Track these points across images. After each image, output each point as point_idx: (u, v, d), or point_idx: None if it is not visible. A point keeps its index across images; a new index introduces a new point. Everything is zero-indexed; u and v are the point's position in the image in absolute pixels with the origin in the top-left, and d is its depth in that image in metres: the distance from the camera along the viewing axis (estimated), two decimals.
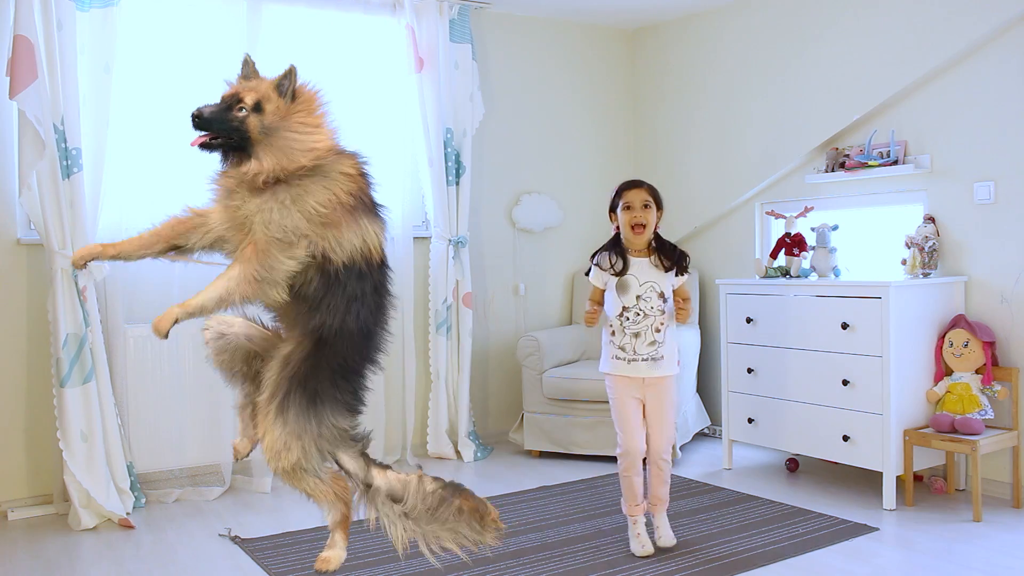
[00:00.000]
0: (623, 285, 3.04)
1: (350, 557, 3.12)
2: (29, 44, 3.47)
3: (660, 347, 3.05)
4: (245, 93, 2.36)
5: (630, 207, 3.05)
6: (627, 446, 3.08)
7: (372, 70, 4.52)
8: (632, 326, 3.04)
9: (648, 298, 3.04)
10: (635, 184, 3.10)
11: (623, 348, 3.06)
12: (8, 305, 3.77)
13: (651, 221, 3.06)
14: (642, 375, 3.06)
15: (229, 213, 2.31)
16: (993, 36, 3.69)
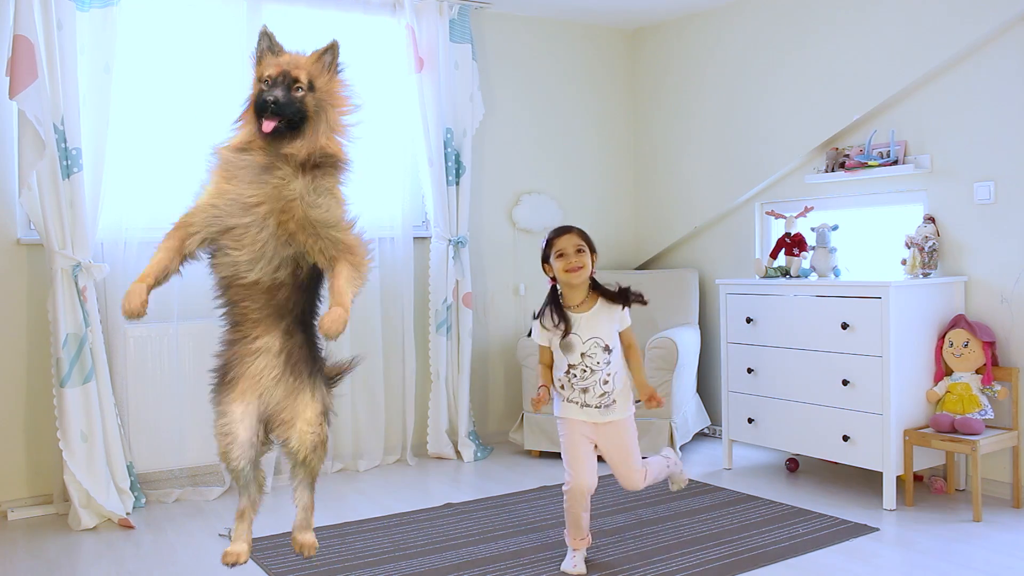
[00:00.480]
0: (567, 345, 2.94)
1: (350, 557, 3.12)
2: (29, 44, 3.47)
3: (610, 395, 2.96)
4: (296, 71, 2.38)
5: (563, 254, 2.94)
6: (575, 483, 2.96)
7: (372, 70, 4.52)
8: (580, 382, 2.95)
9: (593, 354, 2.93)
10: (564, 231, 3.00)
11: (571, 401, 2.98)
12: (8, 305, 3.77)
13: (586, 264, 2.94)
14: (594, 420, 2.97)
15: (269, 190, 2.31)
16: (993, 36, 3.69)
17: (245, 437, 2.45)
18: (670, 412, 4.32)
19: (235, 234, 2.33)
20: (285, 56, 2.43)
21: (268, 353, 2.44)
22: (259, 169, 2.33)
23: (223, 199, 2.33)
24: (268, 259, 2.34)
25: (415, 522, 3.53)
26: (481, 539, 3.30)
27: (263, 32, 2.45)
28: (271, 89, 2.34)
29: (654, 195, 5.41)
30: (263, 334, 2.42)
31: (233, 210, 2.32)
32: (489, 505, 3.75)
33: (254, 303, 2.40)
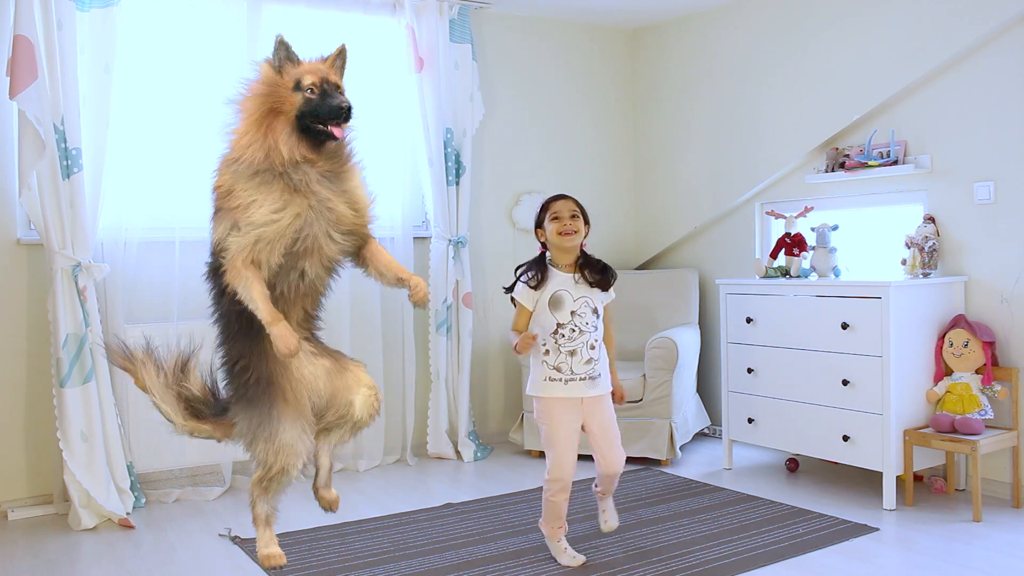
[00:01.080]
0: (556, 301, 2.92)
1: (350, 557, 3.12)
2: (29, 44, 3.47)
3: (596, 364, 2.94)
4: (333, 77, 2.43)
5: (558, 217, 2.95)
6: (559, 472, 2.91)
7: (372, 70, 4.52)
8: (567, 343, 2.91)
9: (583, 313, 2.92)
10: (560, 196, 3.03)
11: (559, 368, 2.92)
12: (8, 305, 3.77)
13: (580, 230, 2.96)
14: (580, 395, 2.92)
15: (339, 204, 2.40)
16: (993, 36, 3.69)
17: (307, 448, 2.49)
18: (670, 412, 4.32)
19: (316, 245, 2.40)
20: (306, 64, 2.42)
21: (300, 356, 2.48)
22: (320, 179, 2.39)
23: (303, 216, 2.35)
24: (333, 262, 2.50)
25: (415, 522, 3.53)
26: (481, 539, 3.30)
27: (280, 41, 2.40)
28: (330, 96, 2.35)
29: (654, 195, 5.41)
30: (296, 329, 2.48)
31: (314, 224, 2.37)
32: (489, 505, 3.75)
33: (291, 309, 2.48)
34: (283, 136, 2.33)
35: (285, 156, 2.32)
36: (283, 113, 2.35)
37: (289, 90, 2.35)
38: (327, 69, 2.43)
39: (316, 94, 2.35)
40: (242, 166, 2.33)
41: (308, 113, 2.35)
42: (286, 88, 2.36)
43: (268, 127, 2.34)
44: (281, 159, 2.32)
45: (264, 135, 2.34)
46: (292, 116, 2.35)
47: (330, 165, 2.42)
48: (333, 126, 2.36)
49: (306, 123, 2.35)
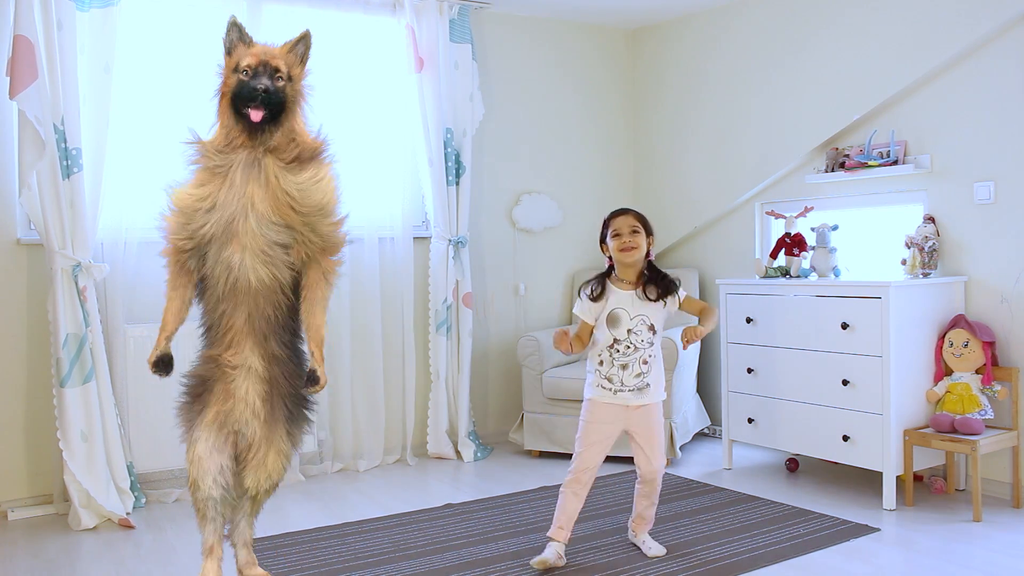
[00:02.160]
0: (614, 319, 3.01)
1: (350, 557, 3.12)
2: (29, 44, 3.47)
3: (646, 377, 3.02)
4: (275, 61, 2.36)
5: (619, 234, 3.04)
6: (580, 463, 3.00)
7: (372, 70, 4.52)
8: (621, 358, 3.00)
9: (639, 331, 3.00)
10: (621, 212, 3.11)
11: (609, 379, 3.01)
12: (8, 305, 3.77)
13: (640, 245, 3.04)
14: (626, 403, 3.02)
15: (263, 182, 2.30)
16: (993, 36, 3.69)
17: (219, 465, 2.43)
18: (670, 412, 4.32)
19: (232, 231, 2.31)
20: (258, 46, 2.40)
21: (251, 375, 2.41)
22: (248, 164, 2.33)
23: (213, 198, 2.31)
24: (267, 255, 2.34)
25: (415, 522, 3.53)
26: (481, 540, 3.30)
27: (232, 22, 2.41)
28: (257, 78, 2.31)
29: (654, 195, 5.41)
30: (248, 351, 2.41)
31: (228, 207, 2.30)
32: (489, 505, 3.75)
33: (241, 314, 2.38)
34: (223, 119, 2.35)
35: (219, 141, 2.34)
36: (225, 96, 2.37)
37: (231, 72, 2.37)
38: (277, 53, 2.39)
39: (248, 76, 2.33)
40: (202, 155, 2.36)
41: (235, 95, 2.33)
42: (229, 70, 2.38)
43: (224, 110, 2.38)
44: (219, 144, 2.33)
45: (223, 118, 2.38)
46: (228, 99, 2.35)
47: (281, 155, 2.36)
48: (252, 108, 2.30)
49: (237, 106, 2.33)
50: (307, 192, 2.34)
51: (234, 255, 2.33)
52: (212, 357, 2.45)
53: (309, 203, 2.35)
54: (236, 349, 2.41)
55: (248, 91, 2.30)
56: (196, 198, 2.32)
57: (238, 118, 2.34)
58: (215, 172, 2.33)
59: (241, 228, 2.31)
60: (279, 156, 2.36)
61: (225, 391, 2.44)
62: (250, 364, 2.42)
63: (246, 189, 2.31)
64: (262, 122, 2.31)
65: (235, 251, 2.32)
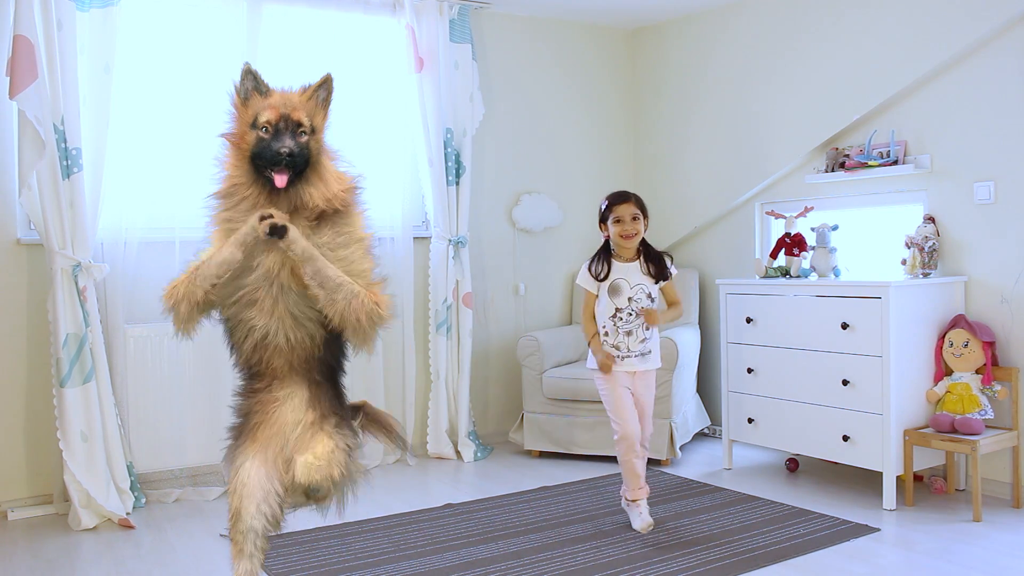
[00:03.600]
0: (615, 288, 3.32)
1: (350, 557, 3.12)
2: (29, 44, 3.47)
3: (648, 342, 3.35)
4: (296, 114, 2.14)
5: (620, 220, 3.31)
6: (624, 430, 3.31)
7: (372, 70, 4.52)
8: (625, 325, 3.32)
9: (639, 299, 3.33)
10: (624, 198, 3.36)
11: (616, 347, 3.33)
12: (8, 305, 3.77)
13: (640, 231, 3.34)
14: (633, 369, 3.35)
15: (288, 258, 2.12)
16: (993, 36, 3.69)
17: (265, 491, 2.20)
18: (670, 412, 4.32)
19: (252, 299, 2.15)
20: (275, 96, 2.17)
21: (294, 400, 2.25)
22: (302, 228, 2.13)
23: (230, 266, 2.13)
24: (295, 319, 2.18)
25: (415, 522, 3.53)
26: (481, 540, 3.30)
27: (247, 70, 2.18)
28: (278, 138, 2.09)
29: (654, 195, 5.40)
30: (290, 385, 2.25)
31: (258, 280, 2.14)
32: (489, 505, 3.75)
33: (278, 361, 2.23)
34: (239, 176, 2.15)
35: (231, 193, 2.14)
36: (244, 152, 2.14)
37: (248, 127, 2.14)
38: (297, 103, 2.17)
39: (269, 134, 2.11)
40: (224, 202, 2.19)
41: (256, 155, 2.11)
42: (246, 124, 2.15)
43: (239, 165, 2.16)
44: (239, 203, 2.13)
45: (236, 167, 2.17)
46: (248, 157, 2.13)
47: (304, 212, 2.16)
48: (276, 173, 2.08)
49: (258, 165, 2.12)
50: (337, 258, 2.16)
51: (257, 319, 2.16)
52: (254, 391, 2.28)
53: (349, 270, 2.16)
54: (279, 385, 2.26)
55: (271, 155, 2.08)
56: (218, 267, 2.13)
57: (257, 177, 2.14)
58: (229, 231, 2.15)
59: (263, 296, 2.15)
60: (303, 215, 2.15)
61: (270, 417, 2.26)
62: (295, 393, 2.26)
63: (267, 260, 2.13)
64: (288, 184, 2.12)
65: (257, 316, 2.16)
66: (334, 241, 2.17)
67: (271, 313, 2.17)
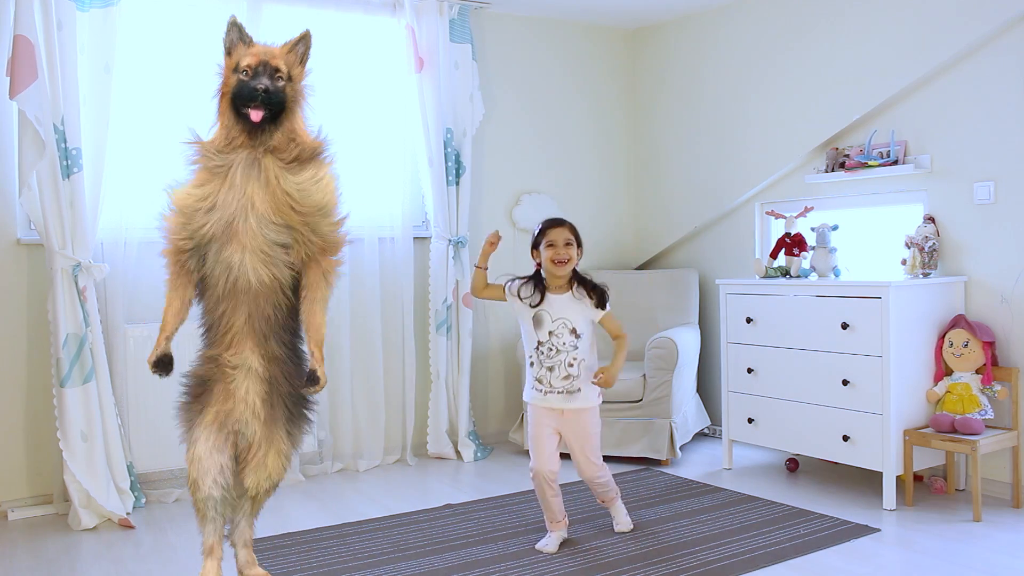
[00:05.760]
0: (538, 319, 3.13)
1: (350, 557, 3.12)
2: (29, 44, 3.47)
3: (575, 380, 3.11)
4: (275, 61, 2.35)
5: (553, 244, 3.13)
6: (536, 467, 3.16)
7: (372, 70, 4.52)
8: (547, 360, 3.12)
9: (560, 334, 3.11)
10: (557, 223, 3.18)
11: (539, 380, 3.14)
12: (8, 305, 3.77)
13: (573, 257, 3.14)
14: (558, 407, 3.13)
15: (263, 183, 2.30)
16: (993, 36, 3.69)
17: (219, 464, 2.43)
18: (670, 412, 4.32)
19: (232, 231, 2.31)
20: (258, 46, 2.40)
21: (251, 375, 2.41)
22: (248, 164, 2.32)
23: (213, 198, 2.31)
24: (267, 255, 2.34)
25: (415, 523, 3.53)
26: (481, 540, 3.30)
27: (232, 23, 2.41)
28: (256, 78, 2.30)
29: (654, 195, 5.41)
30: (247, 351, 2.41)
31: (228, 207, 2.30)
32: (489, 506, 3.75)
33: (241, 314, 2.38)
34: (224, 119, 2.35)
35: (219, 141, 2.33)
36: (225, 96, 2.37)
37: (231, 72, 2.37)
38: (277, 53, 2.39)
39: (248, 76, 2.33)
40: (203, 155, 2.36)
41: (235, 95, 2.33)
42: (229, 70, 2.38)
43: (224, 110, 2.37)
44: (219, 144, 2.33)
45: (223, 119, 2.37)
46: (229, 99, 2.35)
47: (281, 155, 2.36)
48: (251, 108, 2.30)
49: (236, 106, 2.33)
50: (307, 192, 2.35)
51: (234, 255, 2.33)
52: (212, 357, 2.45)
53: (309, 203, 2.35)
54: (236, 349, 2.41)
55: (248, 91, 2.30)
56: (196, 198, 2.32)
57: (238, 118, 2.34)
58: (215, 172, 2.33)
59: (241, 228, 2.31)
60: (279, 156, 2.36)
61: (225, 391, 2.44)
62: (250, 364, 2.42)
63: (246, 189, 2.31)
64: (262, 122, 2.31)
65: (235, 251, 2.33)
66: (312, 179, 2.37)
67: (244, 249, 2.32)
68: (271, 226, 2.33)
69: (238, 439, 2.47)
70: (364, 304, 4.42)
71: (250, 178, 2.31)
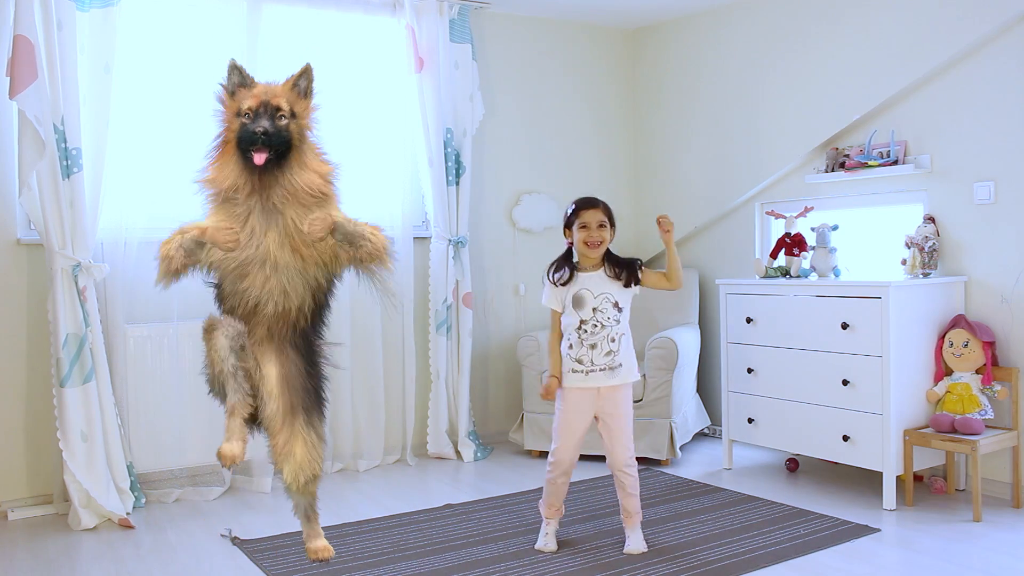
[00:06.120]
0: (578, 300, 3.10)
1: (350, 557, 3.12)
2: (29, 44, 3.47)
3: (616, 356, 3.08)
4: (276, 100, 2.31)
5: (586, 226, 3.11)
6: (560, 456, 3.12)
7: (372, 70, 4.52)
8: (589, 338, 3.08)
9: (604, 309, 3.09)
10: (591, 204, 3.15)
11: (580, 360, 3.08)
12: (8, 305, 3.77)
13: (606, 240, 3.12)
14: (598, 385, 3.08)
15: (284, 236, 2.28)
16: (993, 36, 3.69)
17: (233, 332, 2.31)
18: (670, 412, 4.32)
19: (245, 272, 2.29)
20: (259, 87, 2.35)
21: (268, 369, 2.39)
22: (265, 211, 2.29)
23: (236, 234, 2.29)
24: (286, 291, 2.33)
25: (415, 523, 3.53)
26: (481, 540, 3.30)
27: (232, 66, 2.35)
28: (256, 120, 2.26)
29: (654, 195, 5.41)
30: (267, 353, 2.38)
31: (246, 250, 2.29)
32: (489, 506, 3.75)
33: (262, 328, 2.36)
34: (232, 164, 2.29)
35: (232, 184, 2.28)
36: (230, 141, 2.31)
37: (233, 116, 2.32)
38: (279, 92, 2.35)
39: (250, 119, 2.28)
40: (211, 195, 2.32)
41: (239, 140, 2.29)
42: (232, 114, 2.32)
43: (225, 154, 2.32)
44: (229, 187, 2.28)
45: (225, 161, 2.31)
46: (234, 143, 2.30)
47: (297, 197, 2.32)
48: (254, 152, 2.25)
49: (242, 149, 2.28)
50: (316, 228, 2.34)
51: (251, 290, 2.31)
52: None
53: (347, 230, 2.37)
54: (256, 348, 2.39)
55: (247, 135, 2.26)
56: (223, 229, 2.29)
57: (246, 163, 2.29)
58: (233, 216, 2.30)
59: (256, 272, 2.30)
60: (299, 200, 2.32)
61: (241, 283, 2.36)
62: (269, 361, 2.39)
63: (264, 240, 2.28)
64: (267, 164, 2.27)
65: (251, 287, 2.31)
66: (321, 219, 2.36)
67: (262, 287, 2.31)
68: (294, 269, 2.32)
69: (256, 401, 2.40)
70: (364, 304, 4.42)
71: (268, 227, 2.29)
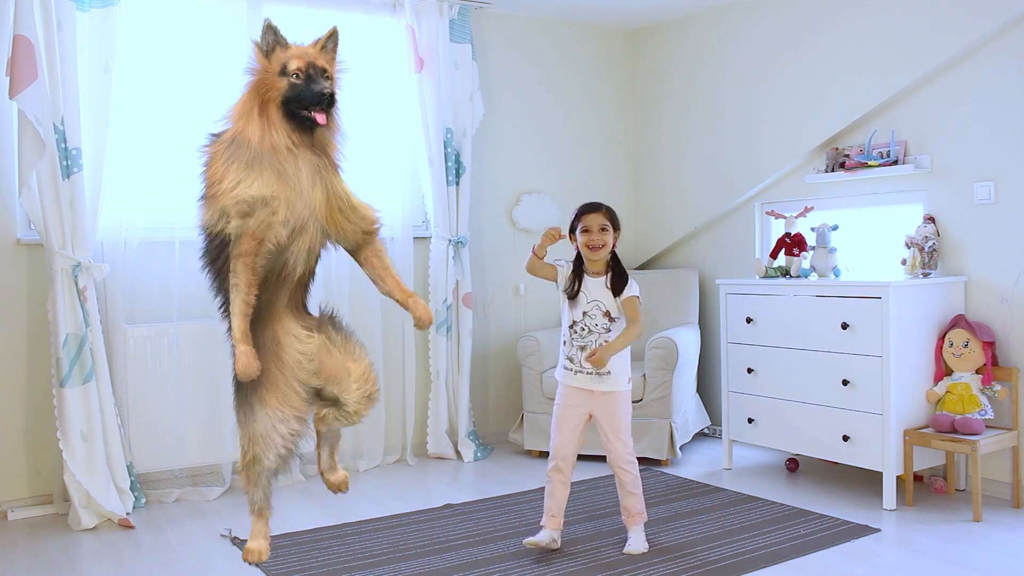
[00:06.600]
0: (574, 300, 3.18)
1: (350, 557, 3.12)
2: (29, 44, 3.47)
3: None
4: (321, 62, 2.38)
5: (588, 230, 3.15)
6: (556, 451, 3.15)
7: (372, 70, 4.52)
8: (579, 339, 3.15)
9: (593, 315, 3.14)
10: (593, 208, 3.18)
11: (571, 359, 3.16)
12: (8, 305, 3.77)
13: (608, 243, 3.15)
14: (588, 387, 3.13)
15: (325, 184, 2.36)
16: (993, 36, 3.69)
17: (282, 436, 2.37)
18: (670, 412, 4.32)
19: (299, 232, 2.35)
20: (296, 48, 2.41)
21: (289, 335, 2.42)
22: (313, 171, 2.35)
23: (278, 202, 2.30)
24: (314, 251, 2.42)
25: (415, 523, 3.53)
26: (481, 540, 3.30)
27: (268, 25, 2.39)
28: (315, 82, 2.33)
29: (654, 195, 5.41)
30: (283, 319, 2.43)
31: (298, 215, 2.32)
32: (489, 506, 3.75)
33: (283, 297, 2.42)
34: (274, 121, 2.34)
35: (275, 142, 2.32)
36: (271, 99, 2.35)
37: (276, 75, 2.35)
38: (316, 53, 2.42)
39: (301, 79, 2.34)
40: (239, 150, 2.31)
41: (292, 99, 2.34)
42: (273, 74, 2.36)
43: (260, 112, 2.35)
44: (271, 144, 2.32)
45: (257, 120, 2.34)
46: (279, 102, 2.34)
47: (319, 156, 2.40)
48: (316, 112, 2.33)
49: (291, 108, 2.34)
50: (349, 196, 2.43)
51: (290, 254, 2.36)
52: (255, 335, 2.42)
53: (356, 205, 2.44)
54: (274, 321, 2.42)
55: (312, 96, 2.31)
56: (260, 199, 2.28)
57: (290, 120, 2.34)
58: (251, 166, 2.31)
59: (304, 233, 2.36)
60: (328, 153, 2.41)
61: (276, 362, 2.40)
62: (287, 324, 2.44)
63: (313, 197, 2.34)
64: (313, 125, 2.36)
65: (294, 251, 2.36)
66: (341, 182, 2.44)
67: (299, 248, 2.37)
68: (322, 229, 2.40)
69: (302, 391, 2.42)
70: (364, 304, 4.42)
71: (316, 186, 2.35)
